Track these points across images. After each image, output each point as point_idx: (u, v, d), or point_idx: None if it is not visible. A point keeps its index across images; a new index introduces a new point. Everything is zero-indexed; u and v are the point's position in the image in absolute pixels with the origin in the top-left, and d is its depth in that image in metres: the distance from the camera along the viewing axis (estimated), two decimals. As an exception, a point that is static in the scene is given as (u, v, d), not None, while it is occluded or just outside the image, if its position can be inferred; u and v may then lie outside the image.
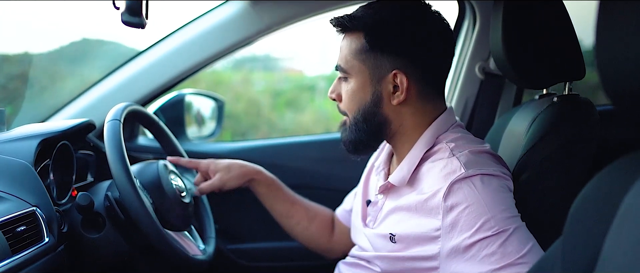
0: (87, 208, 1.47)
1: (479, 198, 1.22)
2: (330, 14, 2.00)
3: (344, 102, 1.40)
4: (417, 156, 1.36)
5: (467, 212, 1.22)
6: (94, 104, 1.97)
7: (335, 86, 1.43)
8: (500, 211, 1.22)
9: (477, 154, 1.29)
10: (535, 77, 1.47)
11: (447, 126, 1.39)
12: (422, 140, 1.37)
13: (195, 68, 1.98)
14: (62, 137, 1.59)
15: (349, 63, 1.36)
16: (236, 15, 1.97)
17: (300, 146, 2.24)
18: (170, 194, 1.58)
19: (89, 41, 6.31)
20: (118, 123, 1.51)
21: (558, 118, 1.39)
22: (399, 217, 1.35)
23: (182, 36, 2.01)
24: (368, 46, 1.33)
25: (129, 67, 2.00)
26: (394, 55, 1.33)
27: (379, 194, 1.46)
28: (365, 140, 1.40)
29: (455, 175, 1.25)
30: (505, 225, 1.20)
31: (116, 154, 1.45)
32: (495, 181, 1.26)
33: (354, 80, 1.36)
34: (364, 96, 1.36)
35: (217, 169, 1.74)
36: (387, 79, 1.34)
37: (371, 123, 1.37)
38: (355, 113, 1.37)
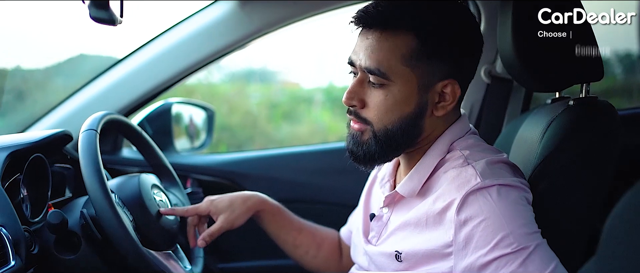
0: (59, 226, 1.36)
1: (496, 211, 1.10)
2: (324, 16, 1.91)
3: (376, 110, 1.20)
4: (430, 166, 1.24)
5: (483, 227, 1.10)
6: (72, 114, 1.87)
7: (356, 89, 1.21)
8: (520, 226, 1.10)
9: (493, 164, 1.18)
10: (550, 80, 1.37)
11: (462, 133, 1.27)
12: (436, 148, 1.25)
13: (181, 75, 1.88)
14: (34, 149, 1.49)
15: (393, 69, 1.17)
16: (224, 17, 1.87)
17: (295, 157, 2.13)
18: (153, 210, 1.47)
19: (87, 56, 6.28)
20: (94, 133, 1.40)
21: (576, 123, 1.28)
22: (408, 231, 1.23)
23: (166, 40, 1.91)
24: (422, 49, 1.17)
25: (110, 75, 1.90)
26: (448, 62, 1.19)
27: (383, 207, 1.33)
28: (391, 153, 1.25)
29: (469, 185, 1.13)
30: (525, 241, 1.08)
31: (91, 166, 1.34)
32: (514, 192, 1.14)
33: (397, 88, 1.18)
34: (408, 106, 1.20)
35: (219, 210, 1.56)
36: (435, 88, 1.20)
37: (407, 135, 1.21)
38: (390, 124, 1.20)
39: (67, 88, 5.75)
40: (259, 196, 1.60)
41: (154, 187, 1.54)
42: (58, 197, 1.64)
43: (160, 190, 1.57)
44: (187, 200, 1.70)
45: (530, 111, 1.58)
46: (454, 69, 1.20)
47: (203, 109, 2.26)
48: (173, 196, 1.65)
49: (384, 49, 1.17)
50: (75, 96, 1.89)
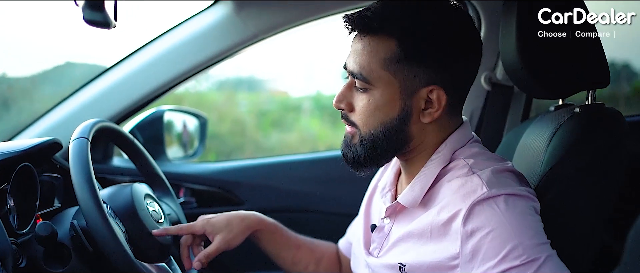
0: (49, 239, 1.30)
1: (503, 222, 1.07)
2: (313, 24, 1.87)
3: (360, 115, 1.20)
4: (432, 174, 1.20)
5: (491, 238, 1.06)
6: (62, 122, 1.82)
7: (345, 93, 1.22)
8: (529, 237, 1.06)
9: (500, 173, 1.14)
10: (555, 86, 1.34)
11: (464, 141, 1.24)
12: (437, 156, 1.21)
13: (174, 81, 1.83)
14: (22, 158, 1.43)
15: (374, 73, 1.17)
16: (220, 22, 1.82)
17: (290, 166, 2.09)
18: (146, 221, 1.42)
19: (73, 64, 6.25)
20: (85, 141, 1.35)
21: (584, 130, 1.25)
22: (411, 243, 1.20)
23: (159, 45, 1.86)
24: (403, 55, 1.15)
25: (102, 81, 1.85)
26: (433, 67, 1.16)
27: (385, 218, 1.29)
28: (378, 158, 1.23)
29: (475, 194, 1.09)
30: (535, 253, 1.05)
31: (82, 176, 1.29)
32: (522, 202, 1.10)
33: (379, 93, 1.17)
34: (390, 111, 1.18)
35: (215, 230, 1.49)
36: (419, 93, 1.17)
37: (392, 141, 1.20)
38: (374, 128, 1.19)
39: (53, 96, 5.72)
40: (256, 215, 1.54)
41: (147, 197, 1.49)
42: (46, 207, 1.59)
43: (154, 199, 1.52)
44: (181, 210, 1.66)
45: (532, 118, 1.55)
46: (439, 75, 1.16)
47: (195, 116, 2.21)
48: (166, 206, 1.60)
49: (366, 53, 1.17)
50: (65, 103, 1.84)
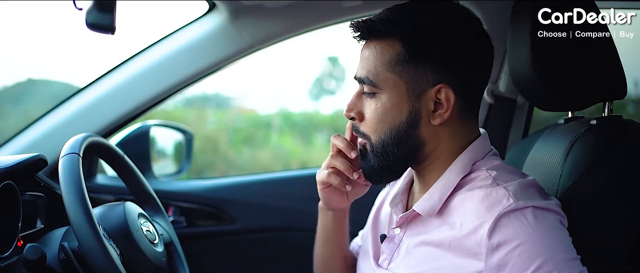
0: (38, 263, 1.22)
1: (532, 235, 1.02)
2: (315, 33, 1.82)
3: (370, 122, 1.19)
4: (452, 183, 1.16)
5: (519, 252, 1.02)
6: (44, 137, 1.73)
7: (355, 102, 1.21)
8: (560, 251, 1.02)
9: (526, 187, 1.10)
10: (571, 98, 1.30)
11: (484, 152, 1.21)
12: (457, 165, 1.18)
13: (165, 94, 1.76)
14: (6, 175, 1.34)
15: (380, 76, 1.16)
16: (213, 32, 1.75)
17: (285, 182, 2.03)
18: (141, 242, 1.34)
19: (35, 81, 6.13)
20: (76, 157, 1.27)
21: (604, 143, 1.22)
22: (425, 254, 1.15)
23: (150, 56, 1.78)
24: (407, 55, 1.14)
25: (86, 95, 1.76)
26: (438, 66, 1.14)
27: (396, 227, 1.24)
28: (393, 166, 1.19)
29: (501, 205, 1.05)
30: (566, 268, 1.00)
31: (74, 194, 1.21)
32: (551, 216, 1.06)
33: (386, 96, 1.16)
34: (399, 114, 1.16)
35: None
36: (428, 94, 1.15)
37: (404, 146, 1.17)
38: (384, 134, 1.17)
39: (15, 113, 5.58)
40: None
41: (140, 216, 1.41)
42: (28, 229, 1.49)
43: (147, 219, 1.44)
44: (173, 230, 1.58)
45: (539, 131, 1.51)
46: (445, 74, 1.15)
47: (181, 132, 2.13)
48: (158, 226, 1.52)
49: (372, 57, 1.18)
50: (47, 117, 1.75)
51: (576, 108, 1.36)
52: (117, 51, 2.10)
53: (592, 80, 1.27)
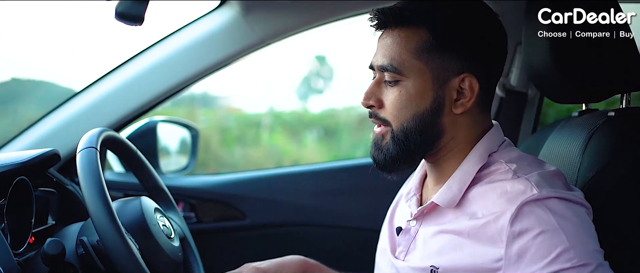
0: (58, 258, 1.20)
1: (555, 224, 1.02)
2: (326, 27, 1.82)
3: (392, 109, 1.18)
4: (470, 174, 1.16)
5: (541, 239, 1.02)
6: (53, 132, 1.71)
7: (373, 90, 1.20)
8: (582, 241, 1.02)
9: (549, 177, 1.10)
10: (589, 90, 1.30)
11: (498, 143, 1.21)
12: (474, 156, 1.18)
13: (176, 88, 1.75)
14: (20, 171, 1.32)
15: (406, 63, 1.15)
16: (224, 26, 1.75)
17: (295, 178, 2.02)
18: (159, 237, 1.33)
19: (20, 80, 6.07)
20: (94, 151, 1.25)
21: (624, 135, 1.22)
22: (444, 243, 1.14)
23: (161, 50, 1.76)
24: (435, 43, 1.14)
25: (96, 89, 1.74)
26: (463, 56, 1.15)
27: (412, 220, 1.24)
28: (412, 154, 1.19)
29: (525, 196, 1.05)
30: (587, 258, 1.00)
31: (94, 188, 1.19)
32: (575, 207, 1.06)
33: (411, 83, 1.16)
34: (423, 102, 1.16)
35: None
36: (452, 83, 1.15)
37: (425, 134, 1.17)
38: (407, 122, 1.16)
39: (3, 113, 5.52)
40: (301, 259, 1.46)
41: (156, 211, 1.40)
42: (40, 225, 1.48)
43: (162, 214, 1.42)
44: (185, 225, 1.57)
45: (553, 124, 1.51)
46: (470, 63, 1.16)
47: (187, 128, 2.12)
48: (173, 222, 1.51)
49: (396, 45, 1.17)
50: (57, 112, 1.73)
51: (593, 99, 1.35)
52: (107, 49, 2.09)
53: (611, 72, 1.27)
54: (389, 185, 1.42)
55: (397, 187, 1.43)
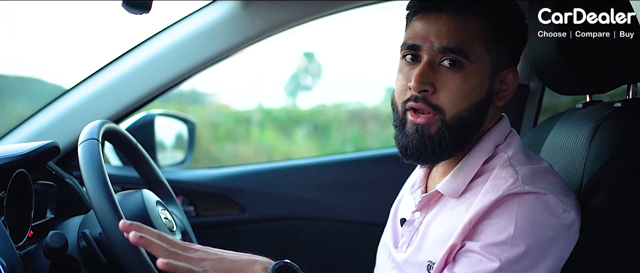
0: (60, 250, 1.19)
1: (514, 216, 1.06)
2: (326, 19, 1.81)
3: (451, 94, 1.12)
4: (476, 165, 1.16)
5: (495, 221, 1.07)
6: (51, 125, 1.70)
7: (427, 73, 1.12)
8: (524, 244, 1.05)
9: (540, 173, 1.11)
10: (596, 80, 1.30)
11: (506, 133, 1.21)
12: (482, 147, 1.17)
13: (176, 80, 1.75)
14: (20, 163, 1.31)
15: (473, 48, 1.12)
16: (224, 18, 1.74)
17: (294, 171, 2.02)
18: (161, 230, 1.30)
19: (6, 77, 6.02)
20: (96, 142, 1.24)
21: (632, 126, 1.21)
22: (441, 234, 1.14)
23: (161, 42, 1.76)
24: (495, 33, 1.14)
25: (94, 81, 1.73)
26: (512, 51, 1.19)
27: (416, 211, 1.23)
28: (460, 143, 1.15)
29: (506, 185, 1.07)
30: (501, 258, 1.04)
31: (97, 180, 1.17)
32: (553, 210, 1.07)
33: (474, 70, 1.13)
34: (481, 91, 1.14)
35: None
36: (500, 75, 1.17)
37: (477, 123, 1.16)
38: (464, 109, 1.13)
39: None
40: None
41: (158, 204, 1.38)
42: (39, 219, 1.46)
43: (164, 207, 1.41)
44: (186, 219, 1.56)
45: (556, 116, 1.51)
46: (515, 58, 1.20)
47: (184, 121, 2.11)
48: (174, 215, 1.49)
49: (463, 30, 1.12)
50: (55, 104, 1.72)
51: (599, 90, 1.36)
52: (96, 45, 2.07)
53: (617, 62, 1.27)
54: (389, 179, 1.42)
55: (398, 181, 1.42)
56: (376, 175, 1.73)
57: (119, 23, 2.98)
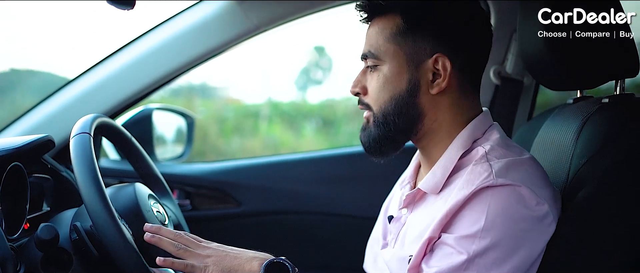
0: (51, 242, 1.20)
1: (486, 210, 1.08)
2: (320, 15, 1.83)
3: (373, 93, 1.23)
4: (453, 159, 1.18)
5: (467, 212, 1.09)
6: (48, 119, 1.71)
7: (360, 78, 1.26)
8: (493, 237, 1.07)
9: (516, 165, 1.12)
10: (583, 76, 1.30)
11: (483, 130, 1.22)
12: (457, 141, 1.20)
13: (170, 76, 1.76)
14: (14, 157, 1.32)
15: (382, 48, 1.21)
16: (219, 13, 1.75)
17: (290, 165, 2.03)
18: (152, 222, 1.33)
19: (18, 71, 6.07)
20: (88, 136, 1.25)
21: (617, 121, 1.22)
22: (421, 229, 1.17)
23: (156, 37, 1.77)
24: (406, 26, 1.20)
25: (91, 76, 1.75)
26: (436, 37, 1.19)
27: (403, 208, 1.26)
28: (393, 136, 1.22)
29: (480, 180, 1.09)
30: (470, 250, 1.07)
31: (87, 174, 1.19)
32: (526, 203, 1.08)
33: (387, 66, 1.21)
34: (399, 83, 1.20)
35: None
36: (426, 64, 1.19)
37: (404, 116, 1.21)
38: (386, 104, 1.21)
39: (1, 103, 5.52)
40: None
41: (150, 197, 1.40)
42: (34, 212, 1.48)
43: (157, 201, 1.42)
44: (180, 212, 1.58)
45: (547, 111, 1.51)
46: (442, 45, 1.19)
47: (183, 115, 2.12)
48: (168, 209, 1.51)
49: (375, 33, 1.23)
50: (52, 99, 1.73)
51: (587, 86, 1.35)
52: (105, 37, 2.09)
53: (604, 58, 1.27)
54: (385, 173, 1.43)
55: (390, 176, 1.44)
56: (369, 169, 1.72)
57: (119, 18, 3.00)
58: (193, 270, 1.17)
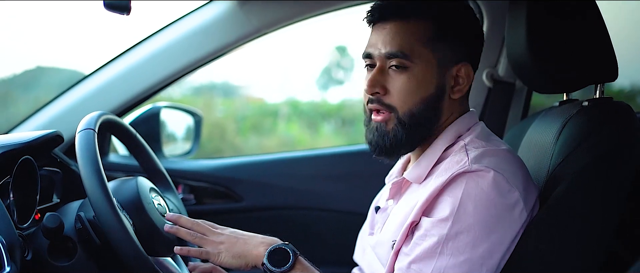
0: (56, 231, 1.27)
1: (461, 194, 1.13)
2: (324, 22, 1.87)
3: (399, 94, 1.22)
4: (437, 153, 1.24)
5: (445, 198, 1.15)
6: (59, 116, 1.79)
7: (378, 77, 1.24)
8: (465, 221, 1.12)
9: (492, 154, 1.18)
10: (564, 80, 1.34)
11: (468, 126, 1.28)
12: (443, 137, 1.26)
13: (174, 77, 1.82)
14: (25, 150, 1.39)
15: (414, 50, 1.22)
16: (222, 16, 1.81)
17: (291, 163, 2.08)
18: (152, 215, 1.39)
19: (43, 68, 6.18)
20: (92, 132, 1.32)
21: (593, 123, 1.25)
22: (403, 216, 1.22)
23: (161, 39, 1.84)
24: (440, 33, 1.23)
25: (100, 75, 1.82)
26: (461, 46, 1.25)
27: (389, 199, 1.32)
28: (417, 137, 1.25)
29: (459, 167, 1.15)
30: (443, 233, 1.13)
31: (90, 167, 1.26)
32: (499, 187, 1.13)
33: (418, 69, 1.22)
34: (429, 87, 1.23)
35: None
36: (451, 71, 1.24)
37: (430, 117, 1.24)
38: (416, 106, 1.23)
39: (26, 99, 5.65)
40: None
41: (152, 191, 1.46)
42: (45, 203, 1.55)
43: (158, 194, 1.49)
44: (183, 206, 1.63)
45: (536, 114, 1.55)
46: (466, 53, 1.25)
47: (191, 114, 2.19)
48: (170, 202, 1.58)
49: (404, 34, 1.23)
50: (63, 97, 1.81)
51: (569, 89, 1.40)
52: (125, 37, 2.15)
53: (584, 62, 1.31)
54: (383, 171, 1.48)
55: (386, 174, 1.48)
56: (367, 167, 1.76)
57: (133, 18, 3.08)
58: (208, 256, 1.27)
